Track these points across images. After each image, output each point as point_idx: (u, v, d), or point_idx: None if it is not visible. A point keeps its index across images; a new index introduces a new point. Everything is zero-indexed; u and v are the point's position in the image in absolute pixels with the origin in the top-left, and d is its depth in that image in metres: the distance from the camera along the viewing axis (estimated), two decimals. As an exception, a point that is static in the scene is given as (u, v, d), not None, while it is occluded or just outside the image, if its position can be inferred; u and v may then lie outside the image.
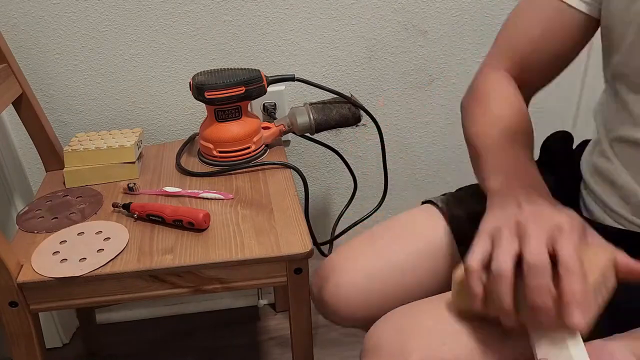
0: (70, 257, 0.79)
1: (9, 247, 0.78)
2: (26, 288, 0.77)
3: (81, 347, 1.31)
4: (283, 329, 1.35)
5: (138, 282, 0.78)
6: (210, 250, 0.79)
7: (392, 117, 1.25)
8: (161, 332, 1.36)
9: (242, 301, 1.42)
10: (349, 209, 1.19)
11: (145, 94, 1.14)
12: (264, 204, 0.89)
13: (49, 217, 0.89)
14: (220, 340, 1.33)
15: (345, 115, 1.05)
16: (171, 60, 1.12)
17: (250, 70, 0.99)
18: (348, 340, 1.29)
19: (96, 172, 0.97)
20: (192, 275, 0.78)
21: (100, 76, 1.11)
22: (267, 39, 1.12)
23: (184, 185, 0.95)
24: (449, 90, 1.24)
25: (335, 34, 1.14)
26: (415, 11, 1.14)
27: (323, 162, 1.27)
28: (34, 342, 0.81)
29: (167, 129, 1.18)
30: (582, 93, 1.27)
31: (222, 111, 0.97)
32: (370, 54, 1.18)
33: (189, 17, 1.08)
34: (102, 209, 0.90)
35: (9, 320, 0.78)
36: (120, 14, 1.06)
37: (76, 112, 1.14)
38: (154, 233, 0.83)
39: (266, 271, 0.79)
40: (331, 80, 1.18)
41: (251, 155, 1.01)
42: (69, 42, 1.07)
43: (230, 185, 0.95)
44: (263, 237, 0.81)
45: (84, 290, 0.78)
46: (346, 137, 1.25)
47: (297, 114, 1.04)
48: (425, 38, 1.18)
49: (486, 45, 1.19)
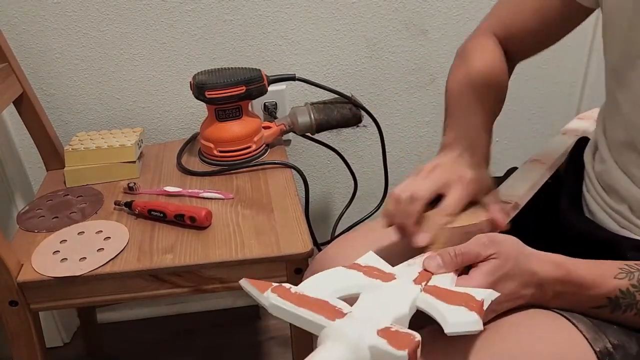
0: (70, 257, 0.79)
1: (9, 246, 0.78)
2: (26, 287, 0.77)
3: (82, 346, 1.31)
4: (283, 328, 1.35)
5: (138, 281, 0.78)
6: (211, 249, 0.79)
7: (393, 117, 1.25)
8: (162, 332, 1.36)
9: (242, 300, 1.42)
10: (349, 209, 1.19)
11: (146, 94, 1.14)
12: (265, 203, 0.89)
13: (49, 216, 0.89)
14: (221, 340, 1.33)
15: (346, 115, 1.05)
16: (172, 59, 1.11)
17: (251, 69, 0.99)
18: (348, 340, 1.28)
19: (97, 171, 0.97)
20: (192, 275, 0.78)
21: (101, 75, 1.11)
22: (268, 39, 1.12)
23: (185, 184, 0.95)
24: (450, 90, 1.23)
25: (336, 34, 1.14)
26: (416, 10, 1.14)
27: (323, 162, 1.27)
28: (34, 341, 0.81)
29: (167, 128, 1.18)
30: (583, 92, 1.27)
31: (222, 111, 0.97)
32: (371, 54, 1.17)
33: (190, 16, 1.08)
34: (102, 208, 0.90)
35: (9, 320, 0.78)
36: (120, 14, 1.06)
37: (77, 111, 1.14)
38: (154, 232, 0.83)
39: (266, 271, 0.79)
40: (332, 79, 1.18)
41: (252, 155, 1.01)
42: (69, 41, 1.07)
43: (230, 185, 0.95)
44: (263, 237, 0.81)
45: (84, 290, 0.78)
46: (347, 137, 1.24)
47: (298, 114, 1.04)
48: (426, 37, 1.17)
49: (487, 45, 1.20)
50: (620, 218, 0.64)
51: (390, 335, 0.44)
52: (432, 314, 0.49)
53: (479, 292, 0.50)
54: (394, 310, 0.49)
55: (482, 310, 0.48)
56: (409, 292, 0.51)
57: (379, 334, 0.44)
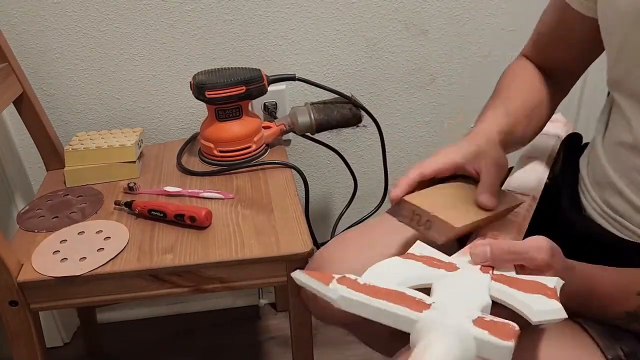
0: (70, 257, 0.79)
1: (9, 246, 0.78)
2: (26, 287, 0.77)
3: (82, 346, 1.31)
4: (284, 328, 1.35)
5: (138, 281, 0.78)
6: (211, 249, 0.79)
7: (393, 117, 1.25)
8: (161, 332, 1.36)
9: (242, 301, 1.42)
10: (349, 209, 1.19)
11: (146, 93, 1.14)
12: (265, 203, 0.89)
13: (49, 216, 0.89)
14: (221, 340, 1.33)
15: (346, 115, 1.05)
16: (172, 59, 1.11)
17: (250, 69, 0.99)
18: (348, 340, 1.28)
19: (97, 171, 0.97)
20: (192, 275, 0.78)
21: (101, 75, 1.11)
22: (267, 38, 1.12)
23: (185, 184, 0.95)
24: (450, 90, 1.23)
25: (336, 34, 1.14)
26: (416, 10, 1.14)
27: (323, 162, 1.27)
28: (34, 341, 0.81)
29: (167, 128, 1.18)
30: (583, 93, 1.27)
31: (222, 110, 0.97)
32: (371, 53, 1.17)
33: (190, 16, 1.08)
34: (102, 208, 0.90)
35: (9, 320, 0.78)
36: (120, 13, 1.06)
37: (77, 111, 1.14)
38: (154, 232, 0.83)
39: (266, 271, 0.79)
40: (332, 79, 1.18)
41: (252, 155, 1.01)
42: (69, 41, 1.07)
43: (230, 185, 0.95)
44: (263, 237, 0.81)
45: (84, 290, 0.78)
46: (347, 137, 1.24)
47: (298, 114, 1.04)
48: (426, 37, 1.17)
49: (486, 45, 1.20)
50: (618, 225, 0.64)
51: (488, 326, 0.42)
52: (511, 303, 0.46)
53: (548, 280, 0.48)
54: (477, 300, 0.47)
55: (558, 297, 0.46)
56: (482, 280, 0.49)
57: (475, 324, 0.42)
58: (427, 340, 0.42)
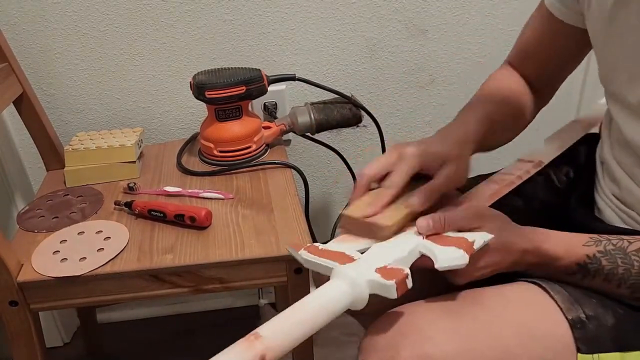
0: (70, 257, 0.79)
1: (9, 246, 0.78)
2: (26, 287, 0.77)
3: (82, 346, 1.31)
4: (283, 328, 1.34)
5: (138, 281, 0.78)
6: (211, 249, 0.79)
7: (393, 117, 1.25)
8: (161, 332, 1.36)
9: (242, 301, 1.42)
10: (349, 208, 1.19)
11: (146, 94, 1.14)
12: (265, 203, 0.89)
13: (49, 216, 0.89)
14: (221, 340, 1.32)
15: (346, 115, 1.05)
16: (172, 59, 1.12)
17: (250, 69, 0.99)
18: (348, 340, 1.28)
19: (97, 171, 0.97)
20: (192, 275, 0.78)
21: (101, 75, 1.11)
22: (267, 38, 1.12)
23: (185, 184, 0.95)
24: (450, 90, 1.23)
25: (336, 34, 1.14)
26: (415, 10, 1.14)
27: (323, 162, 1.27)
28: (34, 341, 0.81)
29: (167, 128, 1.18)
30: (583, 92, 1.27)
31: (222, 111, 0.97)
32: (371, 54, 1.17)
33: (190, 16, 1.08)
34: (102, 208, 0.90)
35: (9, 320, 0.78)
36: (120, 14, 1.06)
37: (77, 111, 1.14)
38: (154, 232, 0.83)
39: (266, 271, 0.79)
40: (332, 79, 1.18)
41: (252, 155, 1.01)
42: (69, 41, 1.07)
43: (230, 185, 0.95)
44: (263, 237, 0.81)
45: (84, 290, 0.78)
46: (347, 137, 1.24)
47: (298, 114, 1.04)
48: (426, 37, 1.17)
49: (486, 45, 1.20)
50: (630, 220, 0.65)
51: (384, 271, 0.53)
52: (428, 254, 0.56)
53: (473, 235, 0.57)
54: (394, 255, 0.57)
55: (472, 249, 0.55)
56: (412, 240, 0.59)
57: (376, 271, 0.54)
58: (327, 283, 0.54)
